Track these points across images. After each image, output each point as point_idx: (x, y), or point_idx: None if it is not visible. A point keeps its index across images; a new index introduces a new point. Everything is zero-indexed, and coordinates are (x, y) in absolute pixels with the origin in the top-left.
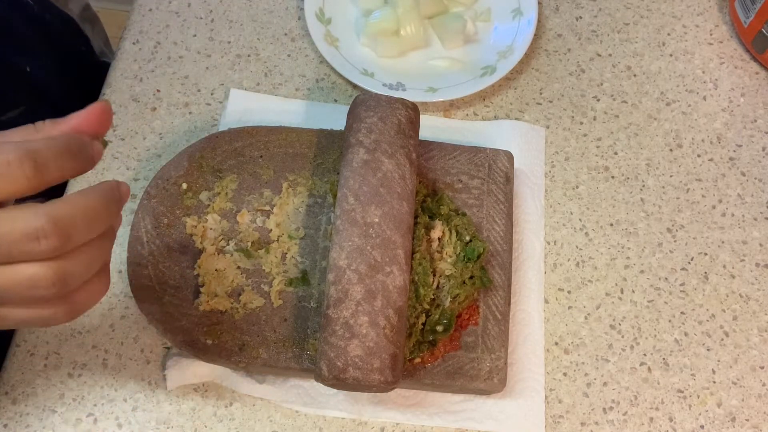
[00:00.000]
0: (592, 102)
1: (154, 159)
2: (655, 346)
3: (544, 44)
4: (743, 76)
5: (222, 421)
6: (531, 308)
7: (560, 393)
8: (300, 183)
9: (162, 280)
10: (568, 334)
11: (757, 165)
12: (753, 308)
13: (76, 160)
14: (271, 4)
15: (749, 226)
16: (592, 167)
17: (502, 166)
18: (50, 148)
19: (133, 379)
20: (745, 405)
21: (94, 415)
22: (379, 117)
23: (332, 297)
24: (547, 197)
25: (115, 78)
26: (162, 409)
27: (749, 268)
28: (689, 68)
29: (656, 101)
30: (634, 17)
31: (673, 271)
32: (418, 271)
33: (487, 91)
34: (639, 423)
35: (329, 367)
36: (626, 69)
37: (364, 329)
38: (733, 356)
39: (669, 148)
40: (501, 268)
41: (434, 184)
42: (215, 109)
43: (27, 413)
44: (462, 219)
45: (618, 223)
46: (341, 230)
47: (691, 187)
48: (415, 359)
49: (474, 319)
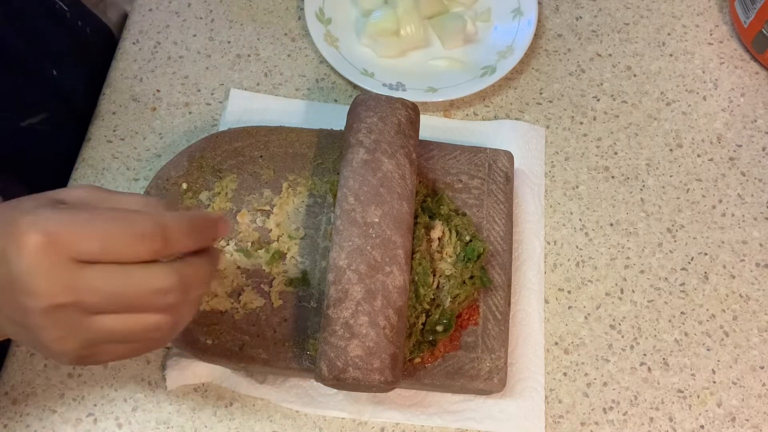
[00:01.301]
0: (592, 102)
1: (154, 159)
2: (655, 346)
3: (544, 44)
4: (743, 76)
5: (222, 421)
6: (531, 308)
7: (560, 393)
8: (300, 183)
9: None
10: (568, 334)
11: (757, 165)
12: (753, 308)
13: (199, 240)
14: (271, 4)
15: (749, 226)
16: (592, 167)
17: (502, 166)
18: (179, 228)
19: (133, 379)
20: (745, 405)
21: (94, 415)
22: (379, 117)
23: (332, 297)
24: (547, 197)
25: (115, 78)
26: (162, 409)
27: (749, 268)
28: (689, 68)
29: (656, 101)
30: (634, 17)
31: (673, 271)
32: (418, 271)
33: (487, 91)
34: (639, 423)
35: (329, 367)
36: (626, 69)
37: (364, 329)
38: (733, 356)
39: (669, 148)
40: (501, 268)
41: (434, 184)
42: (215, 109)
43: (27, 413)
44: (462, 219)
45: (618, 223)
46: (341, 230)
47: (691, 187)
48: (415, 359)
49: (474, 319)
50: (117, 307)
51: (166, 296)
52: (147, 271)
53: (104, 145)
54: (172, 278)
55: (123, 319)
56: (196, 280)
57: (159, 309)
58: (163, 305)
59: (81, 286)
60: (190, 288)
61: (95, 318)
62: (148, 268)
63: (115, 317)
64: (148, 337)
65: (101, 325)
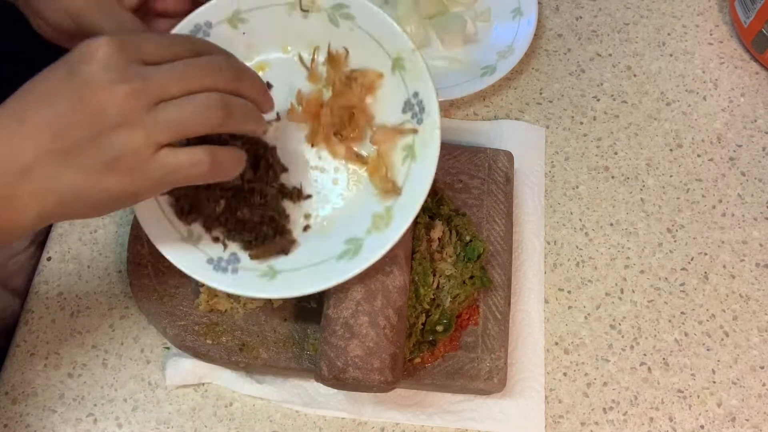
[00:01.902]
0: (592, 102)
1: None
2: (655, 346)
3: (544, 44)
4: (743, 76)
5: (222, 421)
6: (531, 308)
7: (560, 393)
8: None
9: (162, 280)
10: (568, 334)
11: (757, 165)
12: (753, 308)
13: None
14: None
15: (749, 226)
16: (592, 167)
17: (502, 166)
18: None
19: (133, 379)
20: (745, 405)
21: (94, 415)
22: None
23: (332, 297)
24: (547, 197)
25: None
26: (162, 409)
27: (749, 268)
28: (689, 68)
29: (656, 101)
30: (634, 17)
31: (673, 271)
32: (418, 271)
33: (487, 91)
34: (639, 423)
35: (329, 367)
36: (626, 69)
37: (364, 329)
38: (733, 356)
39: (669, 148)
40: (501, 268)
41: (434, 184)
42: None
43: (27, 413)
44: (462, 219)
45: (618, 223)
46: None
47: (691, 187)
48: (415, 359)
49: (474, 319)
50: (180, 87)
51: (221, 72)
52: (203, 58)
53: None
54: (224, 61)
55: (182, 100)
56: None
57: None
58: (218, 81)
59: (149, 74)
60: (240, 79)
61: (160, 105)
62: (203, 57)
63: (175, 102)
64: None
65: (165, 111)
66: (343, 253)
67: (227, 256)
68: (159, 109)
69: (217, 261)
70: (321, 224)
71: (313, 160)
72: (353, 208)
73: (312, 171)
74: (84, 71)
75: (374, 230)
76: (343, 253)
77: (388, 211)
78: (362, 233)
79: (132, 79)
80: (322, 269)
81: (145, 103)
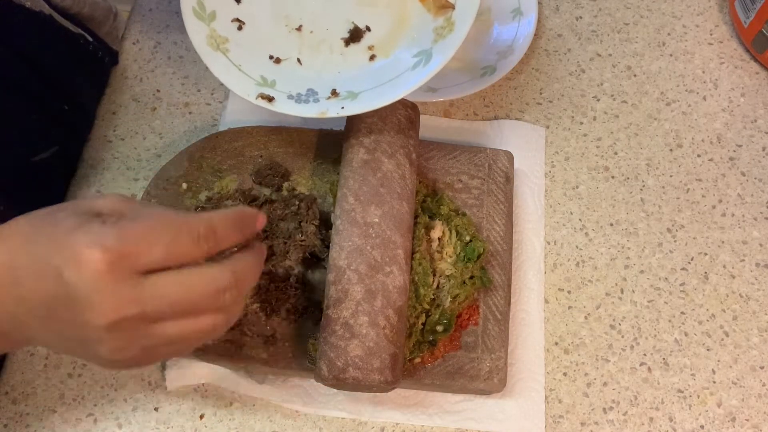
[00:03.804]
0: (592, 102)
1: (154, 159)
2: (655, 346)
3: (544, 44)
4: (743, 76)
5: (222, 421)
6: (531, 308)
7: (560, 393)
8: (300, 183)
9: None
10: (568, 334)
11: (757, 165)
12: (753, 308)
13: (243, 234)
14: None
15: (749, 226)
16: (592, 167)
17: (502, 166)
18: (225, 224)
19: (133, 379)
20: (745, 405)
21: (94, 415)
22: (378, 117)
23: (332, 297)
24: (547, 197)
25: (115, 78)
26: (162, 409)
27: (749, 268)
28: (689, 68)
29: (656, 101)
30: (634, 17)
31: (673, 271)
32: (418, 271)
33: (487, 91)
34: (639, 423)
35: (329, 367)
36: (626, 69)
37: (364, 329)
38: (733, 356)
39: (669, 148)
40: (501, 268)
41: (434, 184)
42: (215, 109)
43: (27, 413)
44: (462, 219)
45: (618, 223)
46: (341, 230)
47: (691, 187)
48: (415, 359)
49: (474, 319)
50: (179, 312)
51: (224, 295)
52: (205, 271)
53: (104, 145)
54: (228, 275)
55: (183, 323)
56: (248, 274)
57: (216, 309)
58: (220, 304)
59: (145, 296)
60: (243, 284)
61: (156, 325)
62: (205, 268)
63: (175, 323)
64: (204, 337)
65: (162, 332)
66: (416, 64)
67: (305, 92)
68: (156, 332)
69: (296, 96)
70: (383, 48)
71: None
72: (406, 27)
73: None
74: (71, 281)
75: (439, 39)
76: (415, 64)
77: (448, 20)
78: (429, 44)
79: (123, 306)
80: (401, 81)
81: (139, 328)
